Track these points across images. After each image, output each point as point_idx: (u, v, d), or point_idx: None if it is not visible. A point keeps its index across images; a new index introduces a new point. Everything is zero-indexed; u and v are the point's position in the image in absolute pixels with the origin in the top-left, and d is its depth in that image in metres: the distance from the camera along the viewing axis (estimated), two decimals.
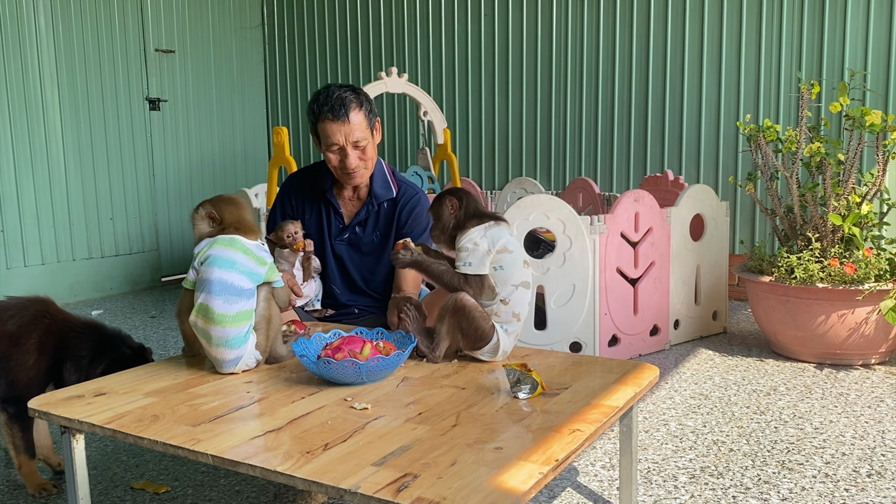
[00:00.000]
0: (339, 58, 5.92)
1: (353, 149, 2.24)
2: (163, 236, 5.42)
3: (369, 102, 2.29)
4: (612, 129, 4.84)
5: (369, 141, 2.27)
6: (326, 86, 2.27)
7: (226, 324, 1.75)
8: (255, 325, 1.83)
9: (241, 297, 1.78)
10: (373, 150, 2.30)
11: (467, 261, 1.85)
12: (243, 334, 1.78)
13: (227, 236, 1.85)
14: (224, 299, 1.76)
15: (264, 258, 1.86)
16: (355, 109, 2.22)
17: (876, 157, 3.16)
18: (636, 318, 3.35)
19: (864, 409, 2.64)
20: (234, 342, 1.77)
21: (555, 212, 3.13)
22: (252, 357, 1.82)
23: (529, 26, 5.06)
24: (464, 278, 1.85)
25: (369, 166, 2.32)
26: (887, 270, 3.03)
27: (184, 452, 1.38)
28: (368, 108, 2.28)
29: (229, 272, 1.78)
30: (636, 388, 1.69)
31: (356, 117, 2.22)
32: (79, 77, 4.86)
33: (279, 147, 3.79)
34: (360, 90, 2.29)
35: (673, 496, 2.02)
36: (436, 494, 1.15)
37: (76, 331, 2.06)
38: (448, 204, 1.94)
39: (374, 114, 2.31)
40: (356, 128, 2.22)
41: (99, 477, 2.21)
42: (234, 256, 1.80)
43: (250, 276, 1.81)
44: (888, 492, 2.02)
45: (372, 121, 2.29)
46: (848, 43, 4.06)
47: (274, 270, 1.88)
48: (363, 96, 2.27)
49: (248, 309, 1.81)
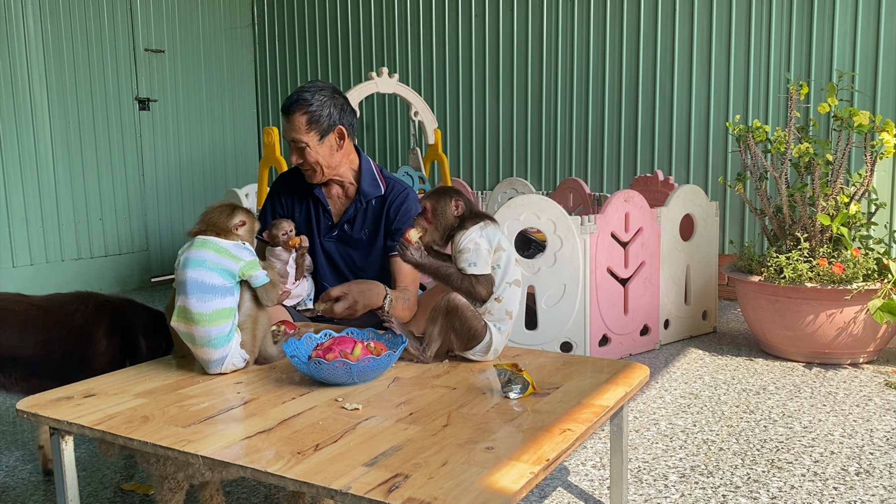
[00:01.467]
0: (330, 57, 5.91)
1: (294, 147, 2.28)
2: (152, 236, 5.40)
3: (327, 109, 2.25)
4: (603, 129, 4.85)
5: (309, 145, 2.25)
6: (309, 81, 2.28)
7: (203, 322, 1.75)
8: (240, 323, 1.82)
9: (214, 294, 1.77)
10: (321, 156, 2.27)
11: (472, 261, 1.85)
12: (225, 333, 1.78)
13: (201, 238, 1.86)
14: (197, 297, 1.76)
15: (240, 255, 1.84)
16: (299, 110, 2.23)
17: (864, 157, 3.18)
18: (626, 317, 3.36)
19: (853, 407, 2.66)
20: (216, 341, 1.76)
21: (545, 212, 3.13)
22: (238, 357, 1.81)
23: (520, 27, 5.07)
24: (474, 279, 1.85)
25: (325, 171, 2.31)
26: (875, 270, 3.06)
27: (174, 454, 1.38)
28: (320, 113, 2.24)
29: (198, 270, 1.78)
30: (626, 387, 1.70)
31: (297, 118, 2.23)
32: (68, 77, 4.83)
33: (269, 147, 3.78)
34: (328, 95, 2.26)
35: (663, 495, 2.03)
36: (427, 494, 1.15)
37: (134, 310, 2.20)
38: (453, 203, 1.92)
39: (324, 122, 2.25)
40: (294, 127, 2.24)
41: (88, 478, 2.19)
42: (203, 255, 1.81)
43: (222, 273, 1.80)
44: (876, 490, 2.03)
45: (317, 128, 2.25)
46: (836, 44, 4.09)
47: (252, 267, 1.84)
48: (320, 102, 2.24)
49: (226, 307, 1.79)
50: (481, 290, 1.85)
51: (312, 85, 2.27)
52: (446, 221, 1.92)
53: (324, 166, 2.30)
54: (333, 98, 2.28)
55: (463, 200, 1.93)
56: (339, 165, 2.34)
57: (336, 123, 2.28)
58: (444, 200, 1.92)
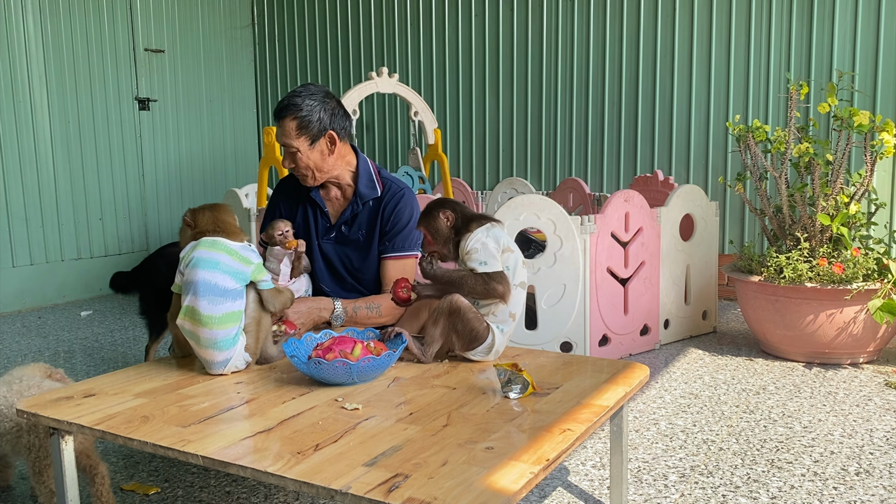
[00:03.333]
0: (330, 57, 5.91)
1: (286, 152, 2.28)
2: (152, 237, 5.39)
3: (317, 114, 2.23)
4: (603, 129, 4.85)
5: (299, 150, 2.24)
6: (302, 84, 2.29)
7: (212, 325, 1.75)
8: (245, 326, 1.82)
9: (225, 297, 1.77)
10: (311, 161, 2.27)
11: (482, 260, 1.85)
12: (231, 336, 1.78)
13: (209, 238, 1.85)
14: (209, 300, 1.76)
15: (250, 258, 1.85)
16: (289, 116, 2.22)
17: (864, 157, 3.18)
18: (626, 317, 3.36)
19: (853, 407, 2.66)
20: (222, 344, 1.76)
21: (545, 212, 3.13)
22: (241, 359, 1.81)
23: (520, 26, 5.07)
24: (488, 277, 1.84)
25: (316, 176, 2.31)
26: (875, 270, 3.06)
27: (174, 453, 1.38)
28: (310, 118, 2.22)
29: (213, 272, 1.78)
30: (626, 387, 1.70)
31: (287, 123, 2.23)
32: (68, 77, 4.83)
33: (269, 147, 3.78)
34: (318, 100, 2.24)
35: (663, 495, 2.03)
36: (427, 494, 1.15)
37: None
38: (443, 216, 1.94)
39: (314, 127, 2.24)
40: (284, 133, 2.24)
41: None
42: (217, 257, 1.80)
43: (235, 276, 1.80)
44: (876, 490, 2.03)
45: (306, 133, 2.23)
46: (836, 44, 4.09)
47: (261, 270, 1.86)
48: (310, 108, 2.23)
49: (235, 311, 1.79)
50: (497, 287, 1.83)
51: (304, 89, 2.26)
52: (443, 234, 1.95)
53: (315, 170, 2.30)
54: (324, 103, 2.26)
55: (452, 209, 1.94)
56: (333, 169, 2.34)
57: (326, 129, 2.26)
58: (432, 217, 1.95)
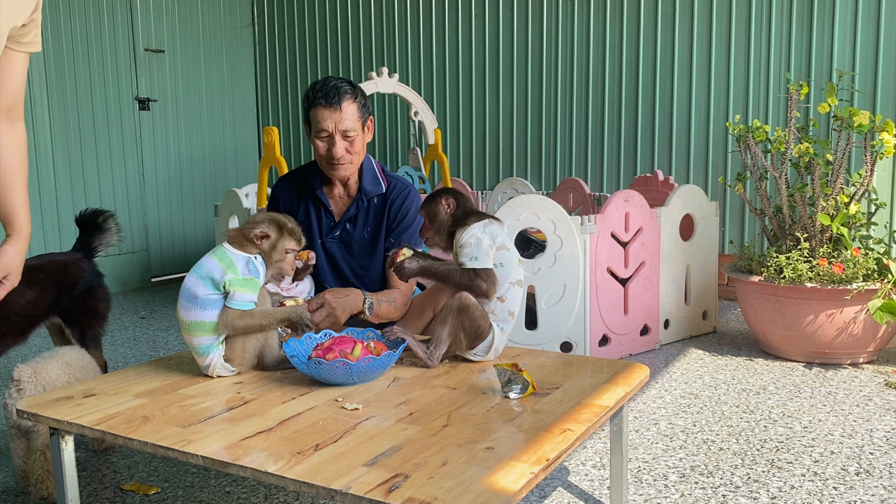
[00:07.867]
0: (330, 57, 5.91)
1: (341, 138, 2.25)
2: (152, 237, 5.39)
3: (364, 98, 2.31)
4: (603, 129, 4.85)
5: (358, 134, 2.28)
6: (326, 77, 2.29)
7: (184, 330, 1.75)
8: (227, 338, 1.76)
9: (194, 305, 1.71)
10: (361, 146, 2.31)
11: (472, 255, 1.85)
12: (204, 346, 1.74)
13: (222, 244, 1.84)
14: (181, 304, 1.75)
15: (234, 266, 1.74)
16: (349, 100, 2.24)
17: (864, 157, 3.18)
18: (626, 317, 3.36)
19: (853, 407, 2.66)
20: (198, 350, 1.76)
21: (545, 212, 3.13)
22: (223, 369, 1.77)
23: (520, 26, 5.07)
24: (474, 273, 1.83)
25: (355, 162, 2.32)
26: (875, 270, 3.06)
27: (174, 454, 1.38)
28: (363, 102, 2.30)
29: (191, 276, 1.76)
30: (626, 387, 1.70)
31: (348, 107, 2.24)
32: (68, 76, 4.83)
33: (269, 147, 3.77)
34: (358, 86, 2.31)
35: (663, 495, 2.03)
36: (427, 494, 1.15)
37: None
38: (444, 203, 1.94)
39: (367, 110, 2.32)
40: (347, 117, 2.24)
41: (88, 478, 2.19)
42: (203, 261, 1.77)
43: (207, 282, 1.72)
44: (876, 490, 2.03)
45: (364, 116, 2.31)
46: (836, 44, 4.09)
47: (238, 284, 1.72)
48: (359, 91, 2.30)
49: (203, 321, 1.71)
50: (481, 284, 1.83)
51: (337, 78, 2.29)
52: (441, 221, 1.95)
53: (359, 157, 2.32)
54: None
55: (455, 199, 1.94)
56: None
57: (370, 113, 2.34)
58: (434, 203, 1.96)
